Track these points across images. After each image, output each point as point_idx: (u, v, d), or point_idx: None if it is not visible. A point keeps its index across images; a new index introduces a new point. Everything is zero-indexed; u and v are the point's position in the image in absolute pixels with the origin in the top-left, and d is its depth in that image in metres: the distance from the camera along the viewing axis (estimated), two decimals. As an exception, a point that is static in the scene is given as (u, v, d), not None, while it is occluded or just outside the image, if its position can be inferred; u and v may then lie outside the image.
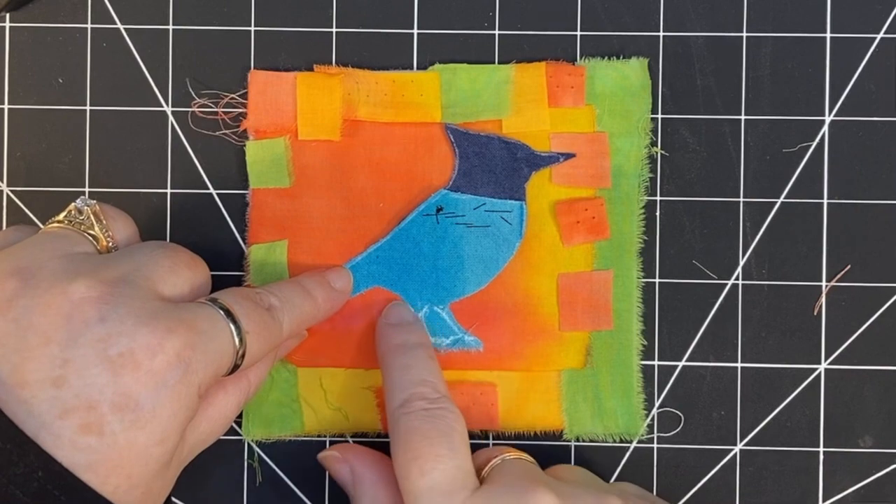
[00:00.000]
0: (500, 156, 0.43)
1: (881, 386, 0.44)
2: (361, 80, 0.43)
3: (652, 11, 0.44)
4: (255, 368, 0.38)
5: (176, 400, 0.32)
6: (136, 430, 0.31)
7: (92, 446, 0.30)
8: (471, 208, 0.42)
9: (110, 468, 0.30)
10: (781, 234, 0.44)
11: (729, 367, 0.44)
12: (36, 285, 0.32)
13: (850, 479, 0.43)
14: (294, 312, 0.38)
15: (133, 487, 0.31)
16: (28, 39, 0.44)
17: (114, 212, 0.38)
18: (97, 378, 0.30)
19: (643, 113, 0.43)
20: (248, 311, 0.35)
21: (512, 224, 0.43)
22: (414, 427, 0.37)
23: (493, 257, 0.43)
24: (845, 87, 0.44)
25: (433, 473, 0.36)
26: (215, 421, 0.37)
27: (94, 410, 0.30)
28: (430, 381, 0.39)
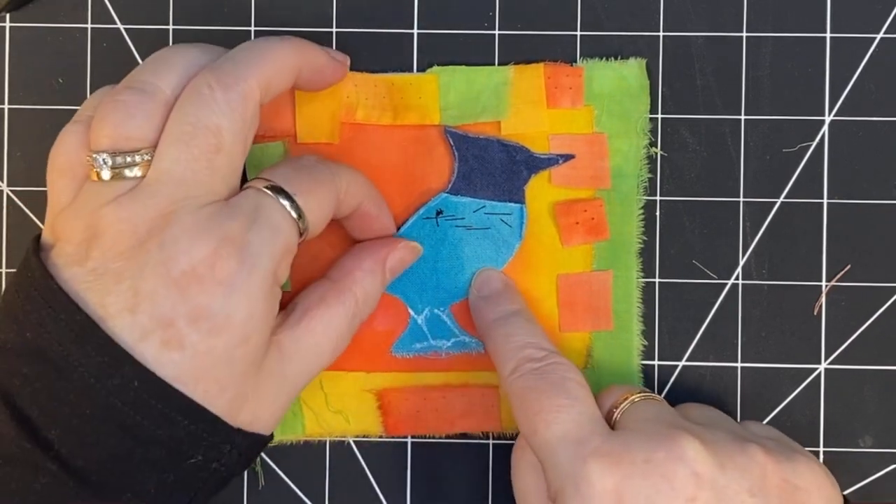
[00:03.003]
0: (499, 158, 0.42)
1: (881, 386, 0.44)
2: (360, 82, 0.43)
3: (652, 11, 0.44)
4: (358, 280, 0.38)
5: (248, 300, 0.33)
6: (213, 338, 0.32)
7: (175, 360, 0.32)
8: (470, 211, 0.42)
9: (197, 376, 0.32)
10: (781, 234, 0.44)
11: (729, 367, 0.44)
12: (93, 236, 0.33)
13: (850, 479, 0.44)
14: (341, 168, 0.38)
15: (222, 390, 0.33)
16: (28, 39, 0.44)
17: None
18: (167, 299, 0.32)
19: (642, 113, 0.43)
20: (289, 174, 0.36)
21: (511, 226, 0.43)
22: (528, 386, 0.37)
23: (493, 259, 0.43)
24: (845, 87, 0.44)
25: (558, 423, 0.36)
26: (319, 334, 0.37)
27: (171, 328, 0.32)
28: (533, 342, 0.39)
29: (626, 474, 0.34)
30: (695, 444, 0.34)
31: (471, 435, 0.44)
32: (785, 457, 0.36)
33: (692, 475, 0.34)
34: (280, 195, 0.35)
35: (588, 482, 0.34)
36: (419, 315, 0.43)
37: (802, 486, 0.36)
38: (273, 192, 0.35)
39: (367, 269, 0.39)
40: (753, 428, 0.40)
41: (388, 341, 0.43)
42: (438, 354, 0.43)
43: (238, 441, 0.34)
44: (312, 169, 0.37)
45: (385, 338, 0.43)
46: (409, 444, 0.44)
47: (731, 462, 0.35)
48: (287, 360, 0.36)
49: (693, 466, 0.34)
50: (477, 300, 0.42)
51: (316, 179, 0.36)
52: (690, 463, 0.34)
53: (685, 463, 0.34)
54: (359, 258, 0.40)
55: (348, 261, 0.40)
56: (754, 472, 0.35)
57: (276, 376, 0.35)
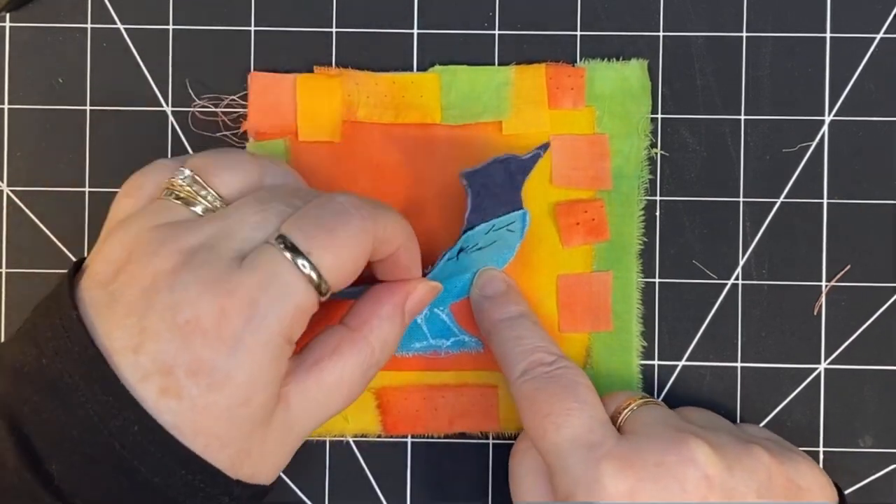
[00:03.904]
0: (499, 176, 0.41)
1: (881, 386, 0.44)
2: (361, 81, 0.43)
3: (652, 11, 0.44)
4: (375, 328, 0.36)
5: (252, 361, 0.32)
6: (214, 394, 0.31)
7: (172, 409, 0.31)
8: (483, 234, 0.41)
9: (196, 429, 0.31)
10: (781, 234, 0.44)
11: (729, 367, 0.44)
12: (127, 260, 0.33)
13: (850, 479, 0.44)
14: (380, 213, 0.35)
15: (224, 446, 0.32)
16: (28, 39, 0.44)
17: (218, 166, 0.36)
18: (169, 344, 0.31)
19: (643, 114, 0.43)
20: (311, 226, 0.33)
21: (515, 231, 0.42)
22: (538, 388, 0.37)
23: (494, 259, 0.43)
24: (845, 87, 0.44)
25: (569, 426, 0.36)
26: (330, 386, 0.35)
27: (170, 375, 0.31)
28: (542, 346, 0.39)
29: (639, 478, 0.34)
30: (704, 447, 0.35)
31: (470, 435, 0.44)
32: (786, 457, 0.37)
33: (703, 478, 0.34)
34: (296, 255, 0.32)
35: (601, 485, 0.34)
36: (419, 315, 0.43)
37: (805, 485, 0.36)
38: (288, 250, 0.32)
39: (386, 315, 0.37)
40: (751, 430, 0.41)
41: None
42: (438, 354, 0.43)
43: (237, 493, 0.33)
44: (343, 219, 0.34)
45: None
46: (408, 444, 0.44)
47: (739, 464, 0.35)
48: (294, 413, 0.34)
49: (703, 469, 0.34)
50: (481, 299, 0.42)
51: (343, 234, 0.33)
52: (701, 466, 0.34)
53: (696, 466, 0.34)
54: (377, 303, 0.37)
55: (366, 306, 0.37)
56: (760, 473, 0.35)
57: (283, 429, 0.34)
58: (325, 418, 0.36)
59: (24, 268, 0.44)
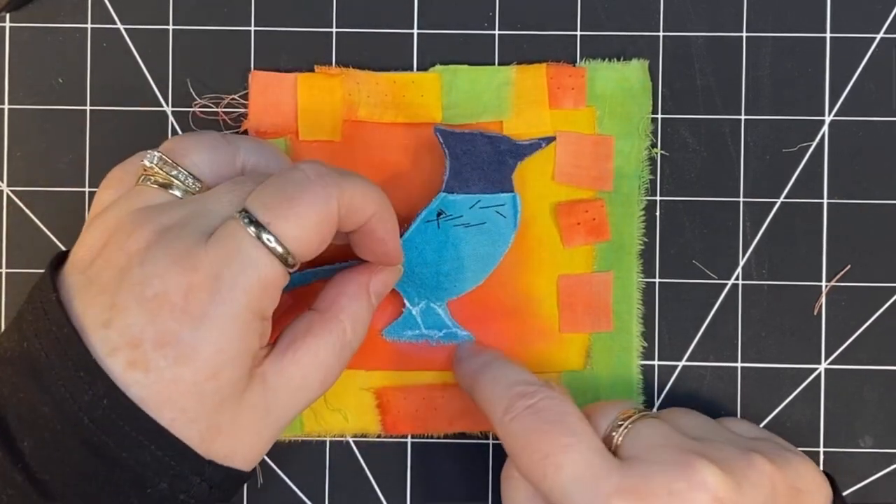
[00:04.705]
0: (486, 151, 0.42)
1: (881, 386, 0.44)
2: (362, 80, 0.43)
3: (652, 11, 0.44)
4: (344, 306, 0.37)
5: (218, 334, 0.32)
6: (180, 366, 0.31)
7: (140, 381, 0.31)
8: (467, 208, 0.41)
9: (161, 402, 0.31)
10: (781, 234, 0.44)
11: (729, 367, 0.44)
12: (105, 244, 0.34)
13: (850, 479, 0.44)
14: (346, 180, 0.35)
15: (192, 421, 0.32)
16: (28, 39, 0.44)
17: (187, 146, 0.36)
18: (137, 318, 0.31)
19: (643, 115, 0.43)
20: (271, 197, 0.33)
21: (506, 216, 0.42)
22: (526, 429, 0.36)
23: (490, 253, 0.42)
24: (845, 87, 0.44)
25: (568, 465, 0.34)
26: (306, 365, 0.35)
27: (138, 348, 0.31)
28: (520, 379, 0.38)
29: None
30: (712, 468, 0.34)
31: (470, 434, 0.44)
32: (784, 460, 0.37)
33: (713, 500, 0.34)
34: (258, 227, 0.32)
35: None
36: (414, 307, 0.43)
37: (804, 488, 0.36)
38: (250, 223, 0.32)
39: (352, 294, 0.38)
40: (739, 428, 0.40)
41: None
42: (429, 343, 0.43)
43: (209, 474, 0.33)
44: (305, 187, 0.33)
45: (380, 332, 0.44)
46: (408, 444, 0.44)
47: (746, 480, 0.35)
48: (271, 393, 0.34)
49: (714, 492, 0.34)
50: (457, 364, 0.42)
51: (305, 202, 0.33)
52: (711, 489, 0.34)
53: (707, 490, 0.34)
54: (342, 285, 0.38)
55: (332, 289, 0.38)
56: (765, 485, 0.35)
57: (259, 410, 0.34)
58: (304, 401, 0.36)
59: (24, 268, 0.44)
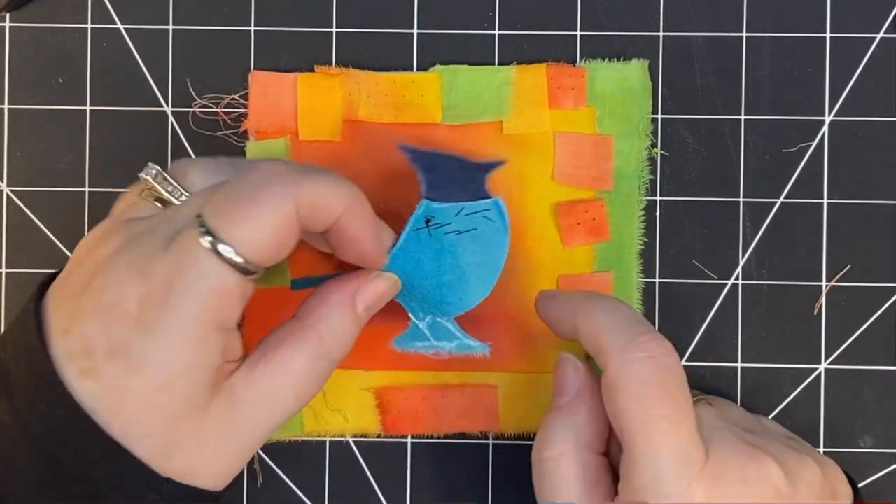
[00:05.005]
0: (452, 164, 0.40)
1: (881, 386, 0.44)
2: (362, 80, 0.43)
3: (652, 11, 0.44)
4: (323, 316, 0.34)
5: (170, 345, 0.30)
6: (131, 377, 0.30)
7: (91, 391, 0.30)
8: (453, 215, 0.39)
9: (112, 413, 0.30)
10: (781, 234, 0.44)
11: (729, 367, 0.44)
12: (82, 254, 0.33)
13: (850, 479, 0.44)
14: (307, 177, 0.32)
15: (145, 435, 0.31)
16: (28, 39, 0.44)
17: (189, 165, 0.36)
18: (92, 325, 0.31)
19: (643, 115, 0.43)
20: (223, 202, 0.31)
21: (495, 221, 0.40)
22: (649, 379, 0.34)
23: (489, 261, 0.40)
24: (845, 87, 0.44)
25: (679, 434, 0.33)
26: (279, 377, 0.33)
27: (90, 357, 0.30)
28: (640, 319, 0.36)
29: (726, 494, 0.34)
30: (774, 463, 0.35)
31: (470, 435, 0.44)
32: (824, 463, 0.37)
33: (776, 494, 0.34)
34: (212, 234, 0.31)
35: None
36: (420, 322, 0.41)
37: (840, 491, 0.37)
38: (204, 230, 0.31)
39: (334, 303, 0.35)
40: (773, 426, 0.41)
41: (388, 336, 0.42)
42: (440, 355, 0.42)
43: (167, 491, 0.31)
44: (259, 187, 0.32)
45: (385, 334, 0.42)
46: (408, 444, 0.44)
47: (800, 479, 0.35)
48: (241, 407, 0.33)
49: (777, 486, 0.34)
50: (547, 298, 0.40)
51: (259, 203, 0.31)
52: (774, 483, 0.34)
53: (771, 483, 0.34)
54: (326, 293, 0.36)
55: (314, 297, 0.36)
56: (816, 484, 0.36)
57: (226, 425, 0.32)
58: (279, 415, 0.34)
59: (24, 268, 0.44)
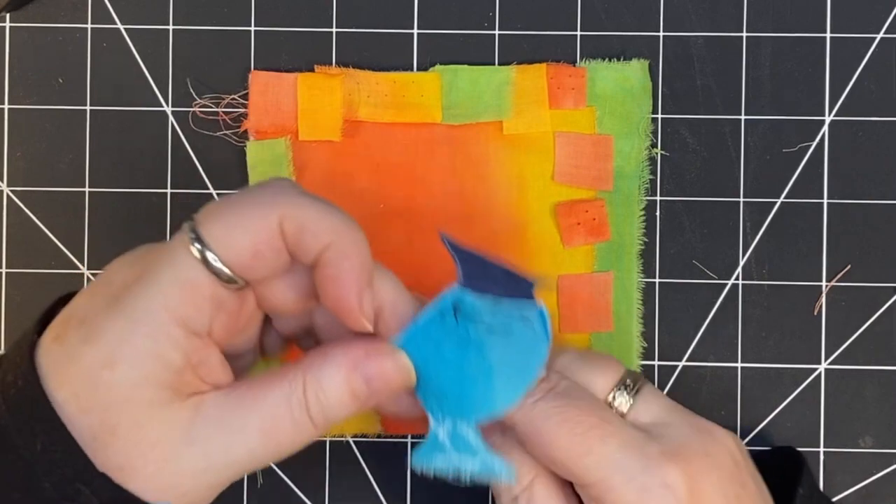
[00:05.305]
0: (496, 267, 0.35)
1: (881, 386, 0.44)
2: (362, 80, 0.43)
3: (652, 11, 0.44)
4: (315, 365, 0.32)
5: (126, 323, 0.30)
6: (84, 345, 0.30)
7: (52, 353, 0.30)
8: (488, 311, 0.34)
9: (61, 379, 0.30)
10: (781, 234, 0.44)
11: (729, 367, 0.44)
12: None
13: (850, 479, 0.44)
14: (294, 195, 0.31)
15: (83, 411, 0.30)
16: (28, 39, 0.44)
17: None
18: (79, 300, 0.31)
19: (643, 115, 0.43)
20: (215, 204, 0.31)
21: (535, 329, 0.35)
22: (558, 407, 0.34)
23: (521, 367, 0.35)
24: (845, 87, 0.44)
25: (614, 435, 0.33)
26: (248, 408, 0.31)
27: (66, 325, 0.31)
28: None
29: (697, 470, 0.33)
30: (729, 434, 0.35)
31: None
32: None
33: (735, 464, 0.35)
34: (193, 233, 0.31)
35: (668, 486, 0.33)
36: (439, 425, 0.35)
37: None
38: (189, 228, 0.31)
39: (331, 358, 0.32)
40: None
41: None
42: (460, 477, 0.35)
43: (99, 488, 0.29)
44: (252, 194, 0.31)
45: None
46: (408, 444, 0.44)
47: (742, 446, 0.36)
48: (201, 422, 0.31)
49: (735, 456, 0.35)
50: None
51: (242, 204, 0.31)
52: (734, 453, 0.35)
53: (731, 454, 0.35)
54: (328, 346, 0.33)
55: (317, 348, 0.33)
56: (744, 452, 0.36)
57: (180, 433, 0.30)
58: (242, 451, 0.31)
59: (24, 268, 0.44)
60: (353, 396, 0.32)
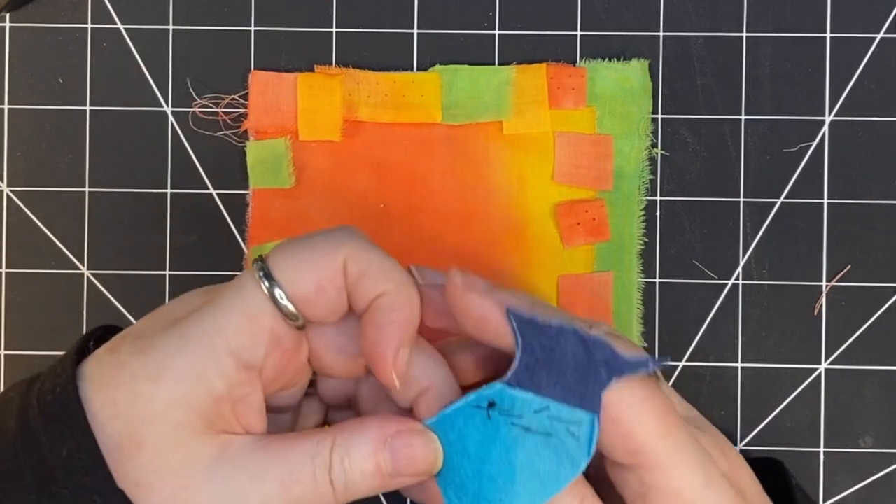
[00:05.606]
0: (574, 353, 0.32)
1: (881, 386, 0.44)
2: (362, 80, 0.43)
3: (652, 11, 0.44)
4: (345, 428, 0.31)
5: (181, 341, 0.31)
6: (135, 356, 0.31)
7: (103, 362, 0.31)
8: (531, 410, 0.32)
9: (103, 383, 0.31)
10: (781, 234, 0.44)
11: (729, 367, 0.44)
12: None
13: (850, 479, 0.44)
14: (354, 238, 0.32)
15: (117, 417, 0.30)
16: (28, 39, 0.44)
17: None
18: (140, 321, 0.33)
19: (643, 115, 0.43)
20: (282, 244, 0.32)
21: (579, 440, 0.32)
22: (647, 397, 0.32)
23: (553, 474, 0.32)
24: (845, 87, 0.44)
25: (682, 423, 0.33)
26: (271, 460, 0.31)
27: (122, 339, 0.32)
28: None
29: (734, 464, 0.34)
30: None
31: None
32: None
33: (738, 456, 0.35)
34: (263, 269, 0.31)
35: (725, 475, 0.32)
36: None
37: None
38: (260, 264, 0.32)
39: (363, 427, 0.32)
40: None
41: None
42: None
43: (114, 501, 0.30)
44: (322, 235, 0.32)
45: None
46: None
47: None
48: (224, 464, 0.31)
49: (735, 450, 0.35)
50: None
51: (312, 243, 0.32)
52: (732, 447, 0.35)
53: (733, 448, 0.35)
54: (365, 417, 0.33)
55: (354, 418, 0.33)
56: None
57: (202, 469, 0.30)
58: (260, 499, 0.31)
59: (24, 268, 0.44)
60: (376, 469, 0.31)
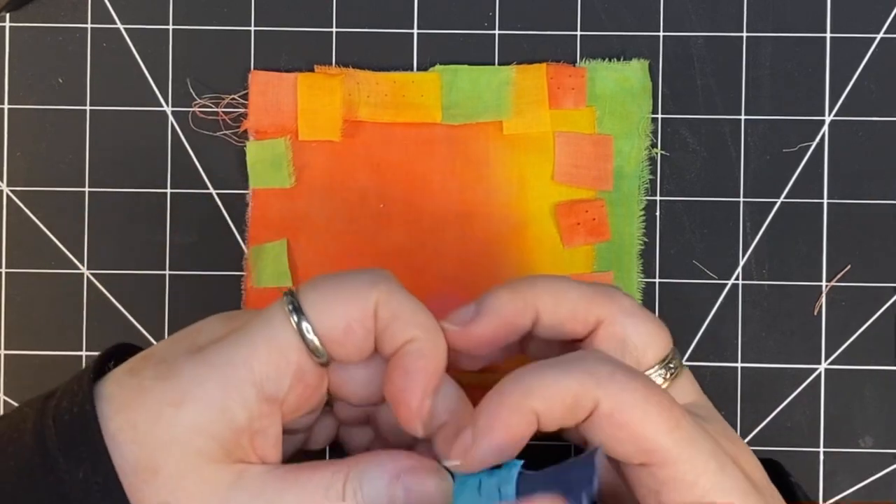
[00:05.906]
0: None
1: (881, 386, 0.44)
2: (362, 80, 0.43)
3: (652, 11, 0.44)
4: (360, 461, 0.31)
5: (205, 368, 0.31)
6: (158, 381, 0.31)
7: (123, 383, 0.31)
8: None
9: (119, 405, 0.30)
10: (781, 234, 0.44)
11: (729, 367, 0.44)
12: None
13: (850, 479, 0.44)
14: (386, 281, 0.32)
15: (135, 442, 0.30)
16: (28, 39, 0.44)
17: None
18: (164, 344, 0.33)
19: (644, 115, 0.43)
20: (313, 279, 0.32)
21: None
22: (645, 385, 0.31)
23: None
24: (845, 87, 0.44)
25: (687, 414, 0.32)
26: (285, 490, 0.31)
27: (144, 360, 0.32)
28: None
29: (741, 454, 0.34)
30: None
31: (471, 435, 0.44)
32: None
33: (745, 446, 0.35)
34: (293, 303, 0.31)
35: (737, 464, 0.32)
36: None
37: None
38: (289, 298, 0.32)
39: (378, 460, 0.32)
40: None
41: None
42: None
43: None
44: (355, 273, 0.32)
45: None
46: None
47: None
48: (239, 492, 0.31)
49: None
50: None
51: (344, 281, 0.32)
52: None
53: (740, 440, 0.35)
54: (381, 452, 0.33)
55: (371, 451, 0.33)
56: None
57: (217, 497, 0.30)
58: None
59: (24, 268, 0.44)
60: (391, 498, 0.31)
